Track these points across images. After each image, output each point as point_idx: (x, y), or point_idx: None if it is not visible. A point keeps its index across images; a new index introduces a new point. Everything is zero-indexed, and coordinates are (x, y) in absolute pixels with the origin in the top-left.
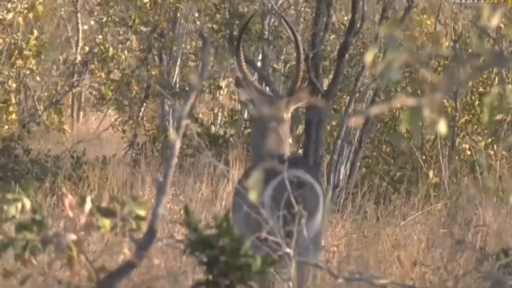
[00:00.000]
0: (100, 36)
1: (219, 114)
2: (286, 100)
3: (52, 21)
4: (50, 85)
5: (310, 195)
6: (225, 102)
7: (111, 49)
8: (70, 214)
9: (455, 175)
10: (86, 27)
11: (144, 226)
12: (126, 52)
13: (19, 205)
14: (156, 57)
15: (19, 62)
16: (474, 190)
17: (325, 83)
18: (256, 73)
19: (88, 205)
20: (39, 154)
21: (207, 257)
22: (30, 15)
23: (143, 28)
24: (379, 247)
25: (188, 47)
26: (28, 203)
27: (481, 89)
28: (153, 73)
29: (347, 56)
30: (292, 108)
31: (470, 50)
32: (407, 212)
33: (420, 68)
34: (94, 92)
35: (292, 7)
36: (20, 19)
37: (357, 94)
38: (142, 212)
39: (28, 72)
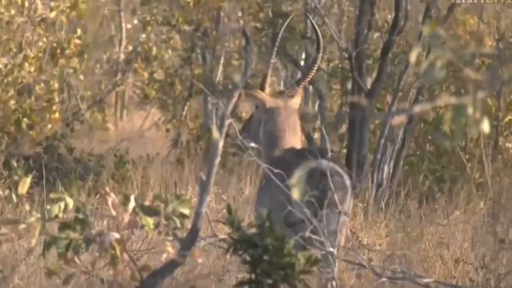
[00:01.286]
0: (143, 35)
1: None
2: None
3: (95, 20)
4: (93, 84)
5: (338, 184)
6: None
7: (154, 48)
8: (114, 213)
9: (498, 174)
10: (129, 26)
11: (188, 224)
12: (169, 51)
13: (62, 204)
14: (199, 56)
15: (62, 61)
16: None
17: (369, 81)
18: (299, 72)
19: (131, 204)
20: (82, 153)
21: (250, 256)
22: (73, 13)
23: (186, 27)
24: (422, 246)
25: (232, 46)
26: (71, 203)
27: None
28: (197, 72)
29: (390, 54)
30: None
31: None
32: (450, 211)
33: (464, 67)
34: (137, 91)
35: (336, 5)
36: (63, 18)
37: (401, 93)
38: (186, 210)
39: (71, 71)
